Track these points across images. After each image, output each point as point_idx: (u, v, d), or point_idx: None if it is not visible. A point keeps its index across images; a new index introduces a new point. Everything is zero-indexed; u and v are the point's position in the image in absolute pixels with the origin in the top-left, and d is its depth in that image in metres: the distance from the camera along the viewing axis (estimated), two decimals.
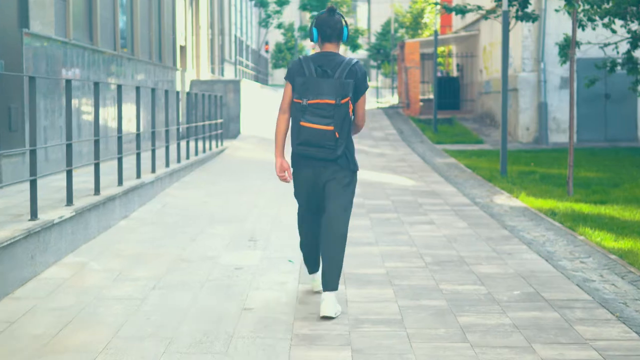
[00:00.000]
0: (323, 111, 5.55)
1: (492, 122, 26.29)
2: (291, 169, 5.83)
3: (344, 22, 5.77)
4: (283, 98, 5.77)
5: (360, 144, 22.49)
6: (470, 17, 29.93)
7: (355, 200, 11.64)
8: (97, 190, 9.10)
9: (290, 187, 13.26)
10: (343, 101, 5.57)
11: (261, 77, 41.74)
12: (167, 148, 13.11)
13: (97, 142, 9.17)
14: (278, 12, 47.19)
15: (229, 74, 32.21)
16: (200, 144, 17.65)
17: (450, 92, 32.39)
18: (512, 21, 16.95)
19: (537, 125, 22.28)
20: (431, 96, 37.59)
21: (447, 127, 26.47)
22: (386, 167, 16.75)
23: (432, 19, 48.43)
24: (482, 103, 28.31)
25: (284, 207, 10.89)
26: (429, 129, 26.07)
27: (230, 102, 23.52)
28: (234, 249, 8.06)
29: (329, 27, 5.71)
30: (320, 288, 6.09)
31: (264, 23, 47.39)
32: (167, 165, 13.01)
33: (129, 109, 15.28)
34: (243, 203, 11.31)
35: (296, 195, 5.92)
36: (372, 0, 69.72)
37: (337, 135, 5.57)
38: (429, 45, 36.12)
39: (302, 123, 5.57)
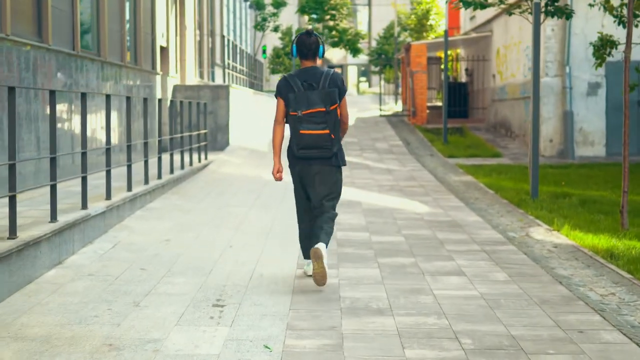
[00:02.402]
0: (316, 118, 6.52)
1: (508, 132, 23.87)
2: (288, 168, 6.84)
3: (320, 42, 6.70)
4: (277, 111, 6.72)
5: (362, 157, 20.11)
6: (481, 17, 27.53)
7: (360, 236, 9.33)
8: (12, 232, 6.76)
9: (280, 216, 10.81)
10: (332, 107, 6.56)
11: (256, 83, 39.33)
12: (129, 167, 10.75)
13: (12, 167, 6.82)
14: (274, 14, 44.79)
15: (220, 79, 29.80)
16: (180, 159, 15.27)
17: (458, 99, 29.91)
18: (541, 17, 14.52)
19: (562, 136, 19.81)
20: (437, 103, 35.22)
21: (457, 137, 24.00)
22: (394, 188, 14.36)
23: (437, 20, 46.08)
24: (495, 111, 25.89)
25: (268, 247, 8.55)
26: (438, 140, 23.58)
27: (218, 109, 21.08)
28: (189, 322, 5.69)
29: (305, 47, 6.67)
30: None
31: (259, 26, 45.01)
32: (129, 188, 10.66)
33: (77, 122, 12.81)
34: (217, 241, 8.94)
35: (296, 191, 6.84)
36: (373, 4, 67.40)
37: (333, 137, 6.58)
38: (435, 48, 33.77)
39: (301, 131, 6.53)
